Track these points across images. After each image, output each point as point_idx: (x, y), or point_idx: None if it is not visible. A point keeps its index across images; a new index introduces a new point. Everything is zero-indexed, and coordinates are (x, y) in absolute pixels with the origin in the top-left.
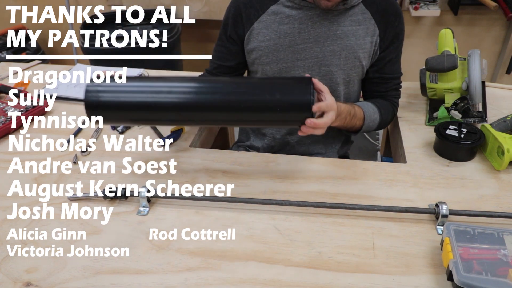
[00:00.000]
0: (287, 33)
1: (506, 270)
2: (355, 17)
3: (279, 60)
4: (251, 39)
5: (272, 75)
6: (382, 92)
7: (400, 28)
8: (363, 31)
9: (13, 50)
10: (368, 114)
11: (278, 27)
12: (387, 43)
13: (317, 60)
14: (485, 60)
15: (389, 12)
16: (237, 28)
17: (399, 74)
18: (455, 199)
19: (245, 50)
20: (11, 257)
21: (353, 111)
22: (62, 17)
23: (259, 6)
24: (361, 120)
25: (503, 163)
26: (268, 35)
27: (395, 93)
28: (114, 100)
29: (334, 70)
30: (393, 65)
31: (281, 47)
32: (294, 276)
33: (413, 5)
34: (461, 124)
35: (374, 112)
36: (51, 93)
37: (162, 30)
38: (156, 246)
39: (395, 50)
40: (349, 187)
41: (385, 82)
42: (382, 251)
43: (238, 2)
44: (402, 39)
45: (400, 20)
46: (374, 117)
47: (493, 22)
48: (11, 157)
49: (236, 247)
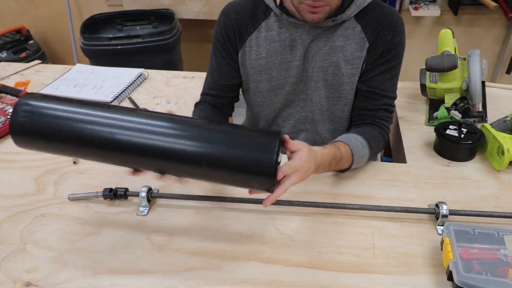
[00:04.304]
0: (278, 50)
1: (506, 270)
2: (344, 32)
3: (272, 78)
4: (244, 57)
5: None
6: (369, 110)
7: (394, 42)
8: (351, 46)
9: (13, 50)
10: (356, 151)
11: (269, 44)
12: (375, 56)
13: (307, 75)
14: (485, 60)
15: (382, 24)
16: (232, 44)
17: (391, 93)
18: (455, 199)
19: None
20: (11, 257)
21: (339, 155)
22: (62, 17)
23: (251, 23)
24: (349, 160)
25: (503, 163)
26: (260, 53)
27: (385, 115)
28: (47, 123)
29: (322, 86)
30: (384, 82)
31: (273, 65)
32: (294, 276)
33: (413, 5)
34: (461, 124)
35: (363, 146)
36: (51, 93)
37: (162, 30)
38: (156, 246)
39: (385, 64)
40: (349, 187)
41: (373, 98)
42: (382, 251)
43: (230, 18)
44: (396, 54)
45: (395, 33)
46: (363, 152)
47: (493, 22)
48: (11, 157)
49: (236, 247)
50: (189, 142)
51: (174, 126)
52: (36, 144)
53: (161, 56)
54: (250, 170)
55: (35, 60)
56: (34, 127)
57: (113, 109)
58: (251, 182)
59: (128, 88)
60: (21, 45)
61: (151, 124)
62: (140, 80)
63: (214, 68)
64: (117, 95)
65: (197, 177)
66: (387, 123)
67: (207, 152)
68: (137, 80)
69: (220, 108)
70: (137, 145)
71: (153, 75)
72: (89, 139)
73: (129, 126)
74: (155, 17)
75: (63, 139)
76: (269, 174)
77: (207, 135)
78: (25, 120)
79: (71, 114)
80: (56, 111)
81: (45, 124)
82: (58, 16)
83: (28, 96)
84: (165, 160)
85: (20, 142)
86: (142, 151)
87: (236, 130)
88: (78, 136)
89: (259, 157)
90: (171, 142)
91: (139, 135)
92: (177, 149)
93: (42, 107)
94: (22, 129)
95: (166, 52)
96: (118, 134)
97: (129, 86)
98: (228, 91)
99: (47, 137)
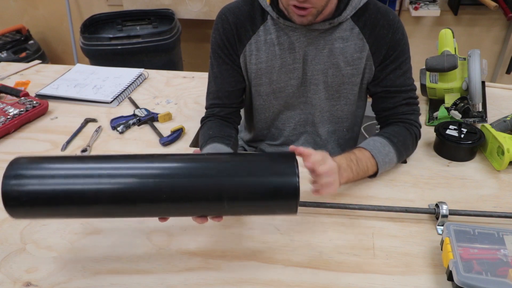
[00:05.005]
0: (278, 54)
1: (506, 270)
2: (343, 34)
3: (272, 82)
4: (245, 61)
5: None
6: (390, 109)
7: (396, 39)
8: (350, 47)
9: (13, 50)
10: (376, 151)
11: (268, 48)
12: (381, 57)
13: (307, 78)
14: (485, 60)
15: (380, 24)
16: (234, 48)
17: (408, 86)
18: (455, 199)
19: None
20: (11, 257)
21: (354, 156)
22: (62, 17)
23: (250, 26)
24: (370, 161)
25: (503, 163)
26: (260, 57)
27: (406, 109)
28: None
29: (322, 88)
30: (398, 78)
31: (273, 68)
32: (294, 276)
33: (413, 5)
34: (461, 124)
35: (384, 145)
36: (51, 93)
37: (162, 30)
38: (156, 246)
39: (393, 62)
40: (349, 187)
41: (390, 97)
42: (382, 251)
43: (229, 22)
44: (402, 50)
45: (394, 30)
46: (386, 150)
47: (493, 22)
48: (12, 157)
49: (236, 247)
50: (207, 180)
51: (190, 167)
52: (37, 213)
53: (161, 56)
54: (273, 197)
55: (35, 60)
56: (33, 194)
57: (120, 159)
58: (275, 210)
59: (128, 88)
60: (21, 45)
61: (163, 168)
62: (140, 80)
63: (218, 75)
64: (117, 95)
65: (218, 213)
66: (411, 115)
67: (227, 187)
68: (137, 80)
69: (228, 119)
70: (154, 192)
71: (153, 75)
72: (109, 194)
73: (143, 174)
74: (155, 17)
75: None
76: (294, 197)
77: (222, 169)
78: (20, 190)
79: (80, 170)
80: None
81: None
82: (58, 16)
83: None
84: (185, 202)
85: (18, 214)
86: (158, 198)
87: (250, 159)
88: (101, 194)
89: (281, 183)
90: (190, 184)
91: (156, 181)
92: (196, 189)
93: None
94: (18, 201)
95: (166, 52)
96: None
97: (129, 86)
98: (235, 97)
99: (50, 203)
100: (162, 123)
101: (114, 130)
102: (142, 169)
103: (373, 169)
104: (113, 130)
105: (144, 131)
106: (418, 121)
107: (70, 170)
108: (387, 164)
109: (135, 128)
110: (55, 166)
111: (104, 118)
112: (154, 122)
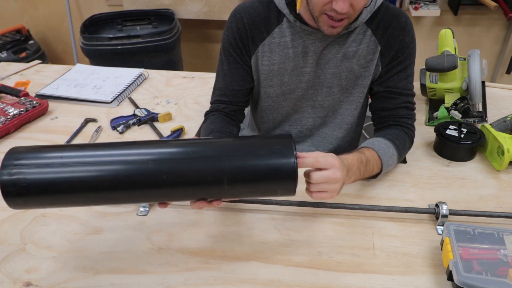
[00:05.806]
0: (291, 57)
1: (506, 270)
2: (356, 37)
3: (283, 83)
4: (256, 62)
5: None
6: (390, 109)
7: (405, 41)
8: (364, 50)
9: (13, 50)
10: (382, 152)
11: (282, 51)
12: (390, 58)
13: (319, 81)
14: (485, 60)
15: (392, 26)
16: (246, 49)
17: (409, 91)
18: (455, 199)
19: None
20: (11, 257)
21: (365, 158)
22: (62, 17)
23: (264, 28)
24: (377, 162)
25: (503, 163)
26: (273, 59)
27: (405, 112)
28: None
29: (336, 91)
30: (401, 80)
31: (285, 71)
32: (294, 276)
33: (413, 5)
34: (461, 124)
35: (389, 147)
36: (51, 93)
37: (162, 30)
38: (156, 246)
39: (400, 64)
40: (349, 187)
41: (391, 98)
42: (382, 251)
43: (243, 22)
44: (409, 53)
45: (406, 33)
46: (390, 152)
47: (493, 22)
48: None
49: (236, 247)
50: (207, 162)
51: (188, 150)
52: (36, 202)
53: (161, 56)
54: (272, 178)
55: (35, 60)
56: (32, 182)
57: (118, 145)
58: (275, 190)
59: (128, 88)
60: (21, 45)
61: (162, 152)
62: (140, 80)
63: (227, 73)
64: (117, 95)
65: (218, 196)
66: (409, 120)
67: (227, 168)
68: (137, 80)
69: (232, 117)
70: (156, 176)
71: (153, 75)
72: (109, 179)
73: (142, 159)
74: (155, 17)
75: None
76: (292, 178)
77: (221, 151)
78: (19, 178)
79: (81, 158)
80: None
81: (45, 177)
82: (58, 16)
83: (13, 152)
84: (184, 186)
85: (16, 204)
86: (158, 181)
87: (248, 142)
88: (100, 179)
89: (279, 163)
90: (189, 166)
91: (157, 167)
92: (196, 170)
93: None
94: (17, 190)
95: (166, 52)
96: (129, 170)
97: (129, 86)
98: (242, 96)
99: (50, 191)
100: (162, 123)
101: (114, 130)
102: (141, 154)
103: (377, 170)
104: (113, 130)
105: (144, 131)
106: (414, 126)
107: (69, 158)
108: (389, 166)
109: (135, 128)
110: (53, 154)
111: (104, 118)
112: (154, 122)
